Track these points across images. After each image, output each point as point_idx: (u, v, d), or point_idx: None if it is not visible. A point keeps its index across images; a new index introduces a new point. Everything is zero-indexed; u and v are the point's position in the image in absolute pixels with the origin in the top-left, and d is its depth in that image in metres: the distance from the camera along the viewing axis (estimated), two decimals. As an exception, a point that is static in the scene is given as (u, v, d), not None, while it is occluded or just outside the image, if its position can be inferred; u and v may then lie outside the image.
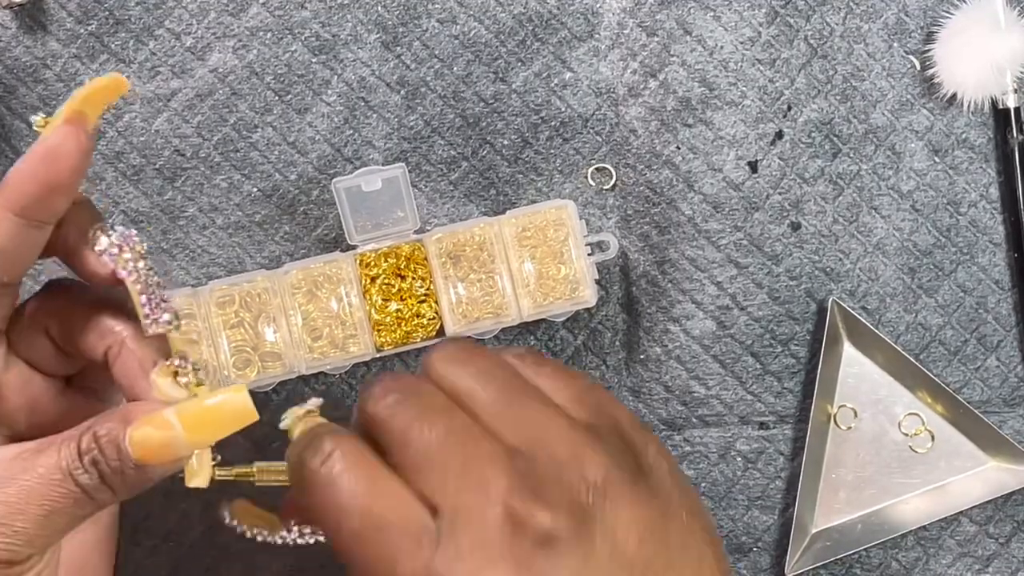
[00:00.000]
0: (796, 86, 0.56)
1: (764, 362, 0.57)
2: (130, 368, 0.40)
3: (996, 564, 0.57)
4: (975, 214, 0.57)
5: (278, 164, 0.56)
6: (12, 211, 0.37)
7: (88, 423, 0.38)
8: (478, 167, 0.56)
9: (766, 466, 0.57)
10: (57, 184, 0.37)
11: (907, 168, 0.57)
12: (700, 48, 0.56)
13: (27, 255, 0.39)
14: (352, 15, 0.56)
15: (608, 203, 0.56)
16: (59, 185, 0.37)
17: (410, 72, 0.56)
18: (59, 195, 0.37)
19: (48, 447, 0.38)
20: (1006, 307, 0.57)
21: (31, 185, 0.37)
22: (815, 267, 0.57)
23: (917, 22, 0.57)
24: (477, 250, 0.53)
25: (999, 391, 0.57)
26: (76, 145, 0.37)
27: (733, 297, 0.56)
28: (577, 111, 0.56)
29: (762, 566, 0.57)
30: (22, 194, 0.37)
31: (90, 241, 0.39)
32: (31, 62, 0.56)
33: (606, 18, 0.56)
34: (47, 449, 0.38)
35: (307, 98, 0.56)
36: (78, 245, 0.39)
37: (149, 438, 0.37)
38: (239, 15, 0.56)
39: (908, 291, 0.57)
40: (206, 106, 0.56)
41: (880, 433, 0.57)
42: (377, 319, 0.53)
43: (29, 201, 0.37)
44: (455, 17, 0.56)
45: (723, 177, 0.56)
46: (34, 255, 0.39)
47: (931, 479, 0.57)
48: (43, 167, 0.37)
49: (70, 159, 0.37)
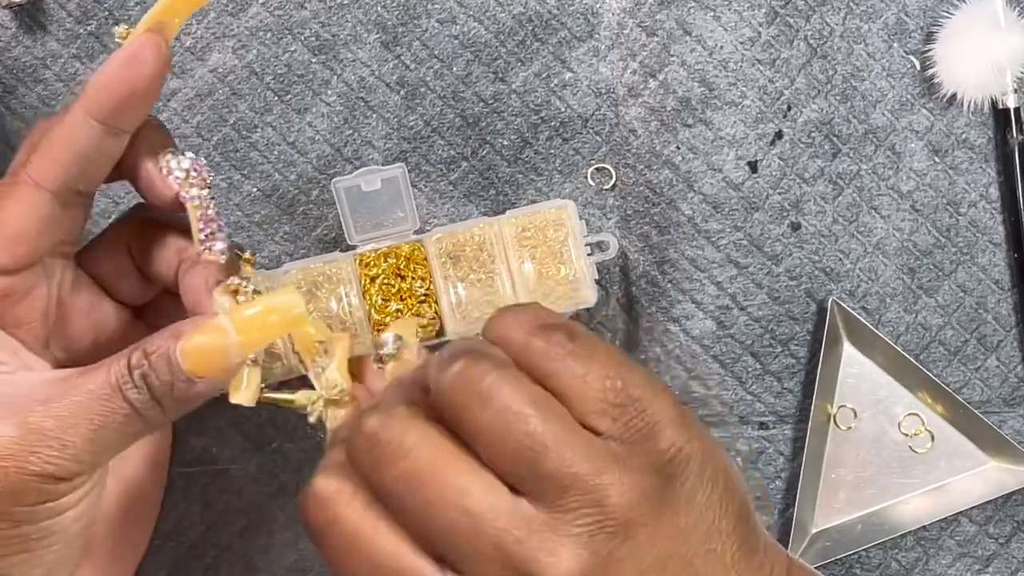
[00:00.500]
0: (796, 86, 0.56)
1: (764, 362, 0.57)
2: (195, 285, 0.41)
3: (996, 564, 0.57)
4: (975, 214, 0.57)
5: (278, 164, 0.56)
6: (92, 116, 0.38)
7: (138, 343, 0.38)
8: (478, 167, 0.56)
9: (766, 466, 0.57)
10: (137, 89, 0.38)
11: (907, 168, 0.57)
12: (700, 48, 0.56)
13: (104, 163, 0.39)
14: (352, 15, 0.56)
15: (608, 203, 0.56)
16: (139, 90, 0.38)
17: (410, 72, 0.56)
18: (138, 101, 0.38)
19: (100, 366, 0.38)
20: (1006, 307, 0.57)
21: (112, 90, 0.37)
22: (815, 267, 0.57)
23: (917, 22, 0.57)
24: (477, 250, 0.53)
25: (999, 391, 0.57)
26: (156, 51, 0.38)
27: (733, 297, 0.56)
28: (577, 111, 0.56)
29: (762, 566, 0.57)
30: (103, 99, 0.38)
31: (159, 163, 0.40)
32: (31, 62, 0.56)
33: (606, 18, 0.56)
34: (97, 368, 0.38)
35: (307, 98, 0.56)
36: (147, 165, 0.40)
37: (201, 346, 0.38)
38: (239, 15, 0.56)
39: (908, 291, 0.57)
40: (205, 106, 0.56)
41: (880, 433, 0.57)
42: (377, 319, 0.53)
43: (110, 106, 0.38)
44: (455, 17, 0.56)
45: (723, 177, 0.56)
46: (109, 165, 0.40)
47: (931, 479, 0.57)
48: (124, 72, 0.37)
49: (149, 65, 0.38)
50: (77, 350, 0.42)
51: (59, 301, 0.41)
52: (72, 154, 0.38)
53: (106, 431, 0.37)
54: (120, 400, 0.37)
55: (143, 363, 0.38)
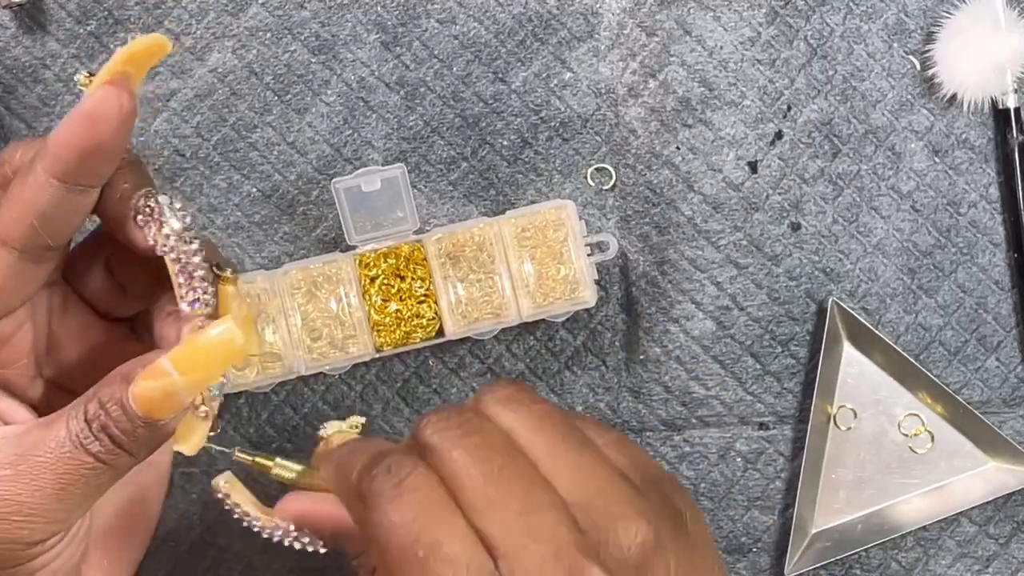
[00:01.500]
0: (796, 86, 0.56)
1: (764, 362, 0.57)
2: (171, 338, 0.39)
3: (996, 564, 0.57)
4: (975, 214, 0.57)
5: (277, 164, 0.56)
6: (54, 176, 0.35)
7: (92, 389, 0.37)
8: (478, 167, 0.56)
9: (766, 466, 0.57)
10: (99, 147, 0.35)
11: (907, 168, 0.57)
12: (700, 48, 0.56)
13: (73, 219, 0.37)
14: (352, 15, 0.56)
15: (608, 203, 0.56)
16: (101, 148, 0.35)
17: (410, 72, 0.56)
18: (101, 159, 0.36)
19: (58, 419, 0.37)
20: (1006, 307, 0.57)
21: (72, 149, 0.35)
22: (815, 267, 0.57)
23: (917, 22, 0.57)
24: (477, 250, 0.53)
25: (999, 391, 0.57)
26: (118, 107, 0.35)
27: (733, 297, 0.56)
28: (577, 111, 0.56)
29: (762, 566, 0.57)
30: (63, 158, 0.35)
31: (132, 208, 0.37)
32: (30, 62, 0.56)
33: (606, 18, 0.56)
34: (56, 421, 0.37)
35: (306, 98, 0.56)
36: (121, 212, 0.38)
37: (150, 391, 0.36)
38: (238, 15, 0.56)
39: (908, 291, 0.57)
40: (205, 106, 0.56)
41: (880, 433, 0.57)
42: (376, 319, 0.53)
43: (70, 166, 0.35)
44: (455, 17, 0.56)
45: (723, 177, 0.56)
46: (80, 219, 0.37)
47: (931, 479, 0.57)
48: (84, 130, 0.35)
49: (112, 121, 0.35)
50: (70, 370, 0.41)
51: (49, 330, 0.40)
52: (35, 215, 0.36)
53: (74, 488, 0.36)
54: (83, 455, 0.36)
55: (100, 413, 0.36)
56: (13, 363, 0.39)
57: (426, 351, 0.56)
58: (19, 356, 0.39)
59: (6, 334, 0.39)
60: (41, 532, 0.37)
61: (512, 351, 0.56)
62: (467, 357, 0.56)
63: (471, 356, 0.56)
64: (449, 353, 0.56)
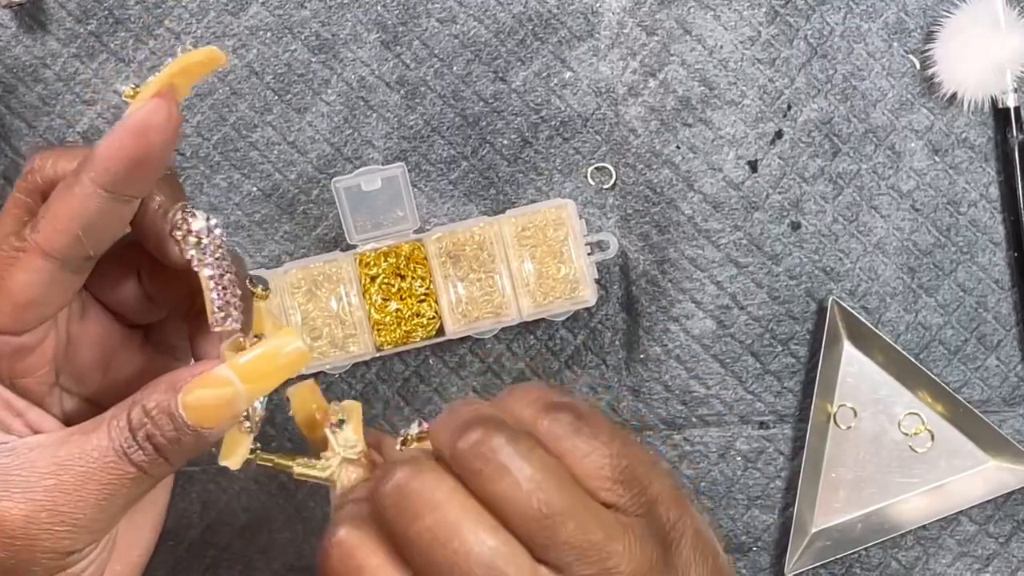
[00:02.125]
0: (796, 85, 0.56)
1: (764, 362, 0.57)
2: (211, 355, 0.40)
3: (996, 564, 0.57)
4: (975, 214, 0.57)
5: (278, 163, 0.56)
6: (101, 186, 0.36)
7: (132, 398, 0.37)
8: (478, 167, 0.56)
9: (766, 466, 0.57)
10: (147, 159, 0.36)
11: (907, 168, 0.57)
12: (700, 47, 0.56)
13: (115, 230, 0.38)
14: (352, 15, 0.56)
15: (608, 203, 0.56)
16: (148, 160, 0.36)
17: (410, 72, 0.56)
18: (148, 170, 0.36)
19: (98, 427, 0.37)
20: (1006, 307, 0.57)
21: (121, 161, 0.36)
22: (815, 267, 0.57)
23: (917, 22, 0.57)
24: (477, 249, 0.53)
25: (999, 391, 0.57)
26: (167, 119, 0.36)
27: (733, 297, 0.56)
28: (577, 111, 0.56)
29: (762, 565, 0.57)
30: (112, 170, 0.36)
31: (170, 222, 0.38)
32: (31, 62, 0.56)
33: (606, 17, 0.56)
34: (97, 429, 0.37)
35: (307, 97, 0.56)
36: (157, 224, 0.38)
37: (204, 399, 0.37)
38: (239, 14, 0.56)
39: (908, 291, 0.57)
40: (206, 105, 0.56)
41: (880, 433, 0.57)
42: (377, 319, 0.53)
43: (118, 176, 0.36)
44: (455, 17, 0.56)
45: (723, 177, 0.56)
46: (121, 229, 0.38)
47: (931, 479, 0.57)
48: (132, 141, 0.35)
49: (160, 134, 0.35)
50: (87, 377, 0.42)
51: (68, 337, 0.41)
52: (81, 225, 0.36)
53: (116, 498, 0.37)
54: (127, 464, 0.36)
55: (145, 422, 0.37)
56: (37, 371, 0.40)
57: (426, 350, 0.56)
58: (43, 364, 0.40)
59: (35, 342, 0.39)
60: (82, 541, 0.37)
61: (512, 350, 0.56)
62: (467, 356, 0.56)
63: (471, 355, 0.56)
64: (449, 352, 0.56)
